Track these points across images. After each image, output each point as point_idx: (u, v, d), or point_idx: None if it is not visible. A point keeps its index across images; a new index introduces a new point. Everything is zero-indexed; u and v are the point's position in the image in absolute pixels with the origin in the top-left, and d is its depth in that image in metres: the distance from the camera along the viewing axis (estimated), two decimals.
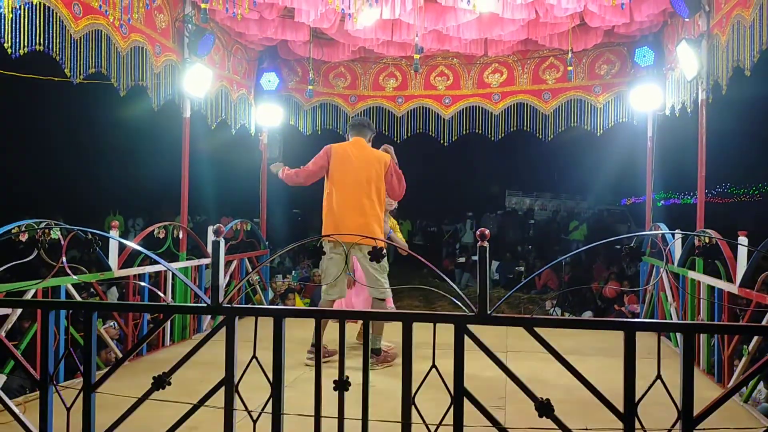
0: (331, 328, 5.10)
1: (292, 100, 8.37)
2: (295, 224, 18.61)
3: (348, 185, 4.99)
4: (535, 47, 7.62)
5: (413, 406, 2.49)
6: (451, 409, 2.45)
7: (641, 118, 7.50)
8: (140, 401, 2.68)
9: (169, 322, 5.95)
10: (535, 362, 4.44)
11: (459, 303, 2.53)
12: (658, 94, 6.92)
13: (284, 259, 12.91)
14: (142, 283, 5.45)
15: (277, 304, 8.33)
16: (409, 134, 8.39)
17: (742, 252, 4.50)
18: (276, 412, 2.57)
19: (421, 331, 2.55)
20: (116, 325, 5.66)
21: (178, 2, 6.17)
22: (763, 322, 4.10)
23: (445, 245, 17.46)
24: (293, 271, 11.58)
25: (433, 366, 2.55)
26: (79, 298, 4.88)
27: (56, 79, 5.18)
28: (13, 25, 4.15)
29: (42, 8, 4.37)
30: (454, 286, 2.68)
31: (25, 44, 4.26)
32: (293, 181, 5.26)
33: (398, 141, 8.39)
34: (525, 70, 8.02)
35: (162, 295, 5.70)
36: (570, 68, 7.21)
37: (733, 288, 4.58)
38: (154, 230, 5.93)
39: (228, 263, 6.85)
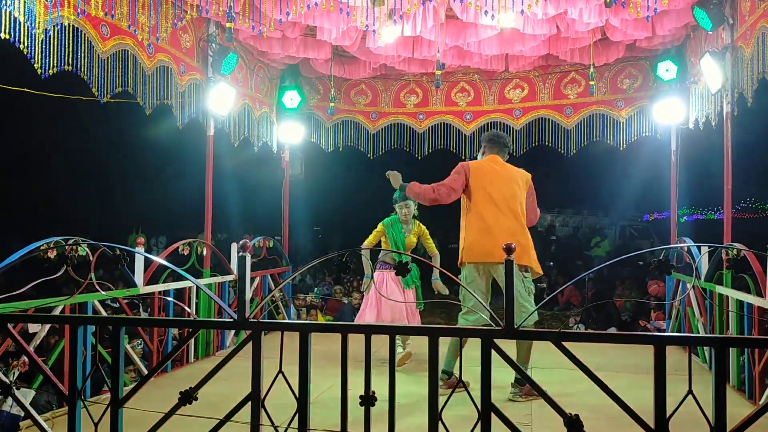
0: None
1: (313, 118, 8.43)
2: (316, 241, 18.66)
3: (491, 203, 4.63)
4: (557, 62, 7.62)
5: (440, 422, 2.47)
6: (479, 425, 2.43)
7: (665, 132, 7.44)
8: (167, 416, 2.69)
9: (192, 339, 5.98)
10: (560, 378, 4.40)
11: (486, 318, 2.51)
12: (681, 108, 6.87)
13: (305, 277, 12.94)
14: (168, 298, 5.49)
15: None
16: (430, 150, 8.40)
17: None
18: (302, 427, 2.56)
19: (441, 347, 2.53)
20: (141, 343, 5.71)
21: (203, 22, 6.28)
22: None
23: None
24: (315, 288, 11.59)
25: (460, 380, 2.53)
26: (105, 315, 4.92)
27: (84, 98, 5.29)
28: (43, 46, 4.25)
29: (71, 29, 4.47)
30: (480, 300, 2.66)
31: (55, 64, 4.36)
32: (429, 197, 4.69)
33: (419, 157, 8.41)
34: (546, 85, 8.01)
35: (188, 309, 5.74)
36: (592, 83, 7.19)
37: (763, 302, 4.49)
38: (178, 247, 5.98)
39: (251, 280, 6.87)
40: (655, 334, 2.41)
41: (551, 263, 15.94)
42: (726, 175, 5.68)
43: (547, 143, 8.05)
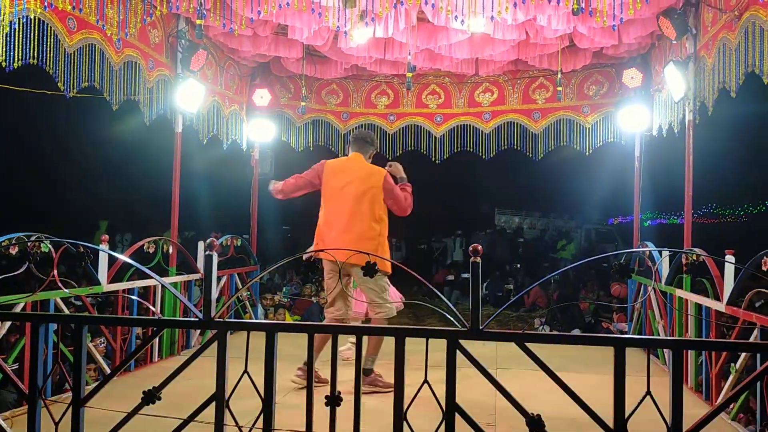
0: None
1: (284, 117, 8.40)
2: (286, 240, 18.56)
3: (338, 201, 4.82)
4: (525, 67, 7.72)
5: (405, 422, 2.49)
6: (443, 425, 2.46)
7: (629, 139, 7.60)
8: (129, 416, 2.66)
9: (157, 338, 5.92)
10: (525, 379, 4.45)
11: (451, 318, 2.55)
12: (645, 115, 7.02)
13: (273, 276, 12.86)
14: (132, 297, 5.42)
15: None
16: (401, 152, 8.44)
17: (729, 270, 4.55)
18: (267, 428, 2.56)
19: (411, 347, 2.55)
20: (104, 341, 5.63)
21: (173, 18, 6.21)
22: (750, 340, 4.14)
23: (435, 262, 17.47)
24: (284, 288, 11.54)
25: (425, 381, 2.55)
26: (68, 313, 4.84)
27: (49, 92, 5.19)
28: (8, 39, 4.16)
29: (37, 22, 4.39)
30: (447, 300, 2.69)
31: (19, 58, 4.27)
32: (277, 189, 5.03)
33: (390, 158, 8.43)
34: (515, 89, 8.11)
35: (153, 308, 5.68)
36: (559, 88, 7.31)
37: (720, 306, 4.62)
38: (143, 245, 5.91)
39: (218, 279, 6.82)
40: (614, 336, 2.47)
41: (518, 265, 16.14)
42: (687, 181, 5.83)
43: (515, 147, 8.16)
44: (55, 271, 3.01)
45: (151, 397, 2.61)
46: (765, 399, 4.02)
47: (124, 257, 3.29)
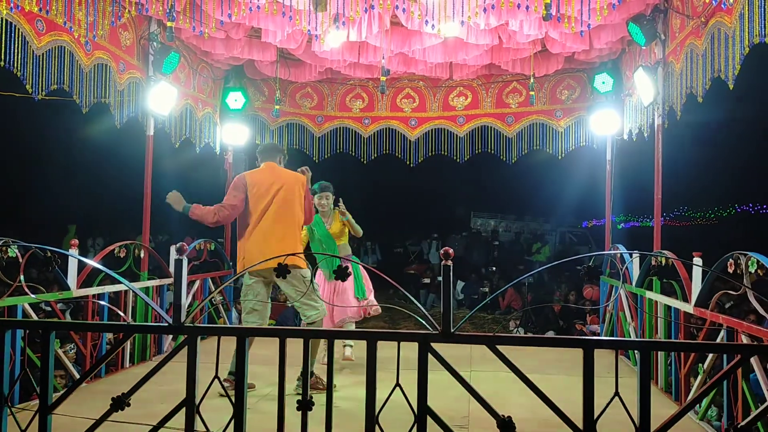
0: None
1: (258, 120, 8.36)
2: None
3: (270, 211, 4.74)
4: (499, 72, 7.78)
5: (377, 426, 2.49)
6: (415, 428, 2.46)
7: (601, 143, 7.70)
8: (98, 423, 2.62)
9: (128, 344, 5.84)
10: (499, 381, 4.49)
11: (423, 322, 2.55)
12: (616, 119, 7.13)
13: None
14: (102, 302, 5.34)
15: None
16: (376, 155, 8.46)
17: (697, 272, 4.64)
18: None
19: (386, 350, 2.56)
20: (74, 347, 5.53)
21: (144, 20, 6.15)
22: (717, 341, 4.22)
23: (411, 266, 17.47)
24: None
25: (397, 385, 2.55)
26: (36, 318, 4.76)
27: (17, 94, 5.11)
28: None
29: (4, 24, 4.31)
30: (419, 305, 2.70)
31: None
32: (211, 220, 4.77)
33: (365, 162, 8.46)
34: (489, 93, 8.18)
35: (122, 314, 5.60)
36: (532, 93, 7.39)
37: (688, 307, 4.70)
38: (114, 249, 5.83)
39: (191, 283, 6.76)
40: (583, 338, 2.50)
41: (494, 268, 16.22)
42: (656, 184, 5.92)
43: (489, 150, 8.22)
44: (22, 276, 2.95)
45: (120, 403, 2.58)
46: (731, 398, 4.09)
47: (93, 262, 3.24)
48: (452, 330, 2.48)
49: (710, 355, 4.50)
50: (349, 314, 5.69)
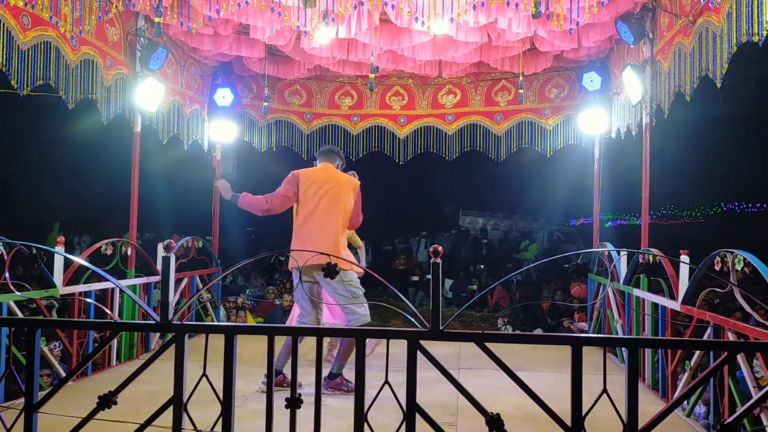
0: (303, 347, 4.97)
1: (246, 117, 8.32)
2: (249, 242, 18.37)
3: (317, 209, 4.76)
4: (488, 70, 7.79)
5: (366, 424, 2.48)
6: (404, 426, 2.46)
7: (589, 141, 7.73)
8: (84, 422, 2.60)
9: (115, 342, 5.80)
10: (488, 378, 4.50)
11: (412, 319, 2.55)
12: (604, 118, 7.16)
13: (236, 278, 12.73)
14: (89, 300, 5.30)
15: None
16: (364, 153, 8.44)
17: (684, 270, 4.66)
18: (226, 431, 2.53)
19: (380, 349, 2.55)
20: (59, 345, 5.49)
21: (131, 16, 6.10)
22: (704, 338, 4.25)
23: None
24: (247, 290, 11.41)
25: (386, 382, 2.55)
26: (21, 316, 4.71)
27: (2, 90, 5.04)
28: None
29: None
30: (408, 302, 2.70)
31: None
32: (262, 208, 4.76)
33: (354, 159, 8.43)
34: (478, 91, 8.19)
35: (109, 312, 5.56)
36: (521, 91, 7.40)
37: (675, 305, 4.73)
38: (101, 246, 5.79)
39: (178, 281, 6.73)
40: (571, 335, 2.50)
41: (482, 266, 16.27)
42: (644, 183, 5.95)
43: (478, 148, 8.24)
44: (7, 274, 2.92)
45: (106, 401, 2.55)
46: (718, 395, 4.12)
47: (79, 259, 3.21)
48: (441, 327, 2.48)
49: (697, 353, 4.54)
50: (336, 321, 5.65)
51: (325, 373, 2.42)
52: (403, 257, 16.34)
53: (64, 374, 5.09)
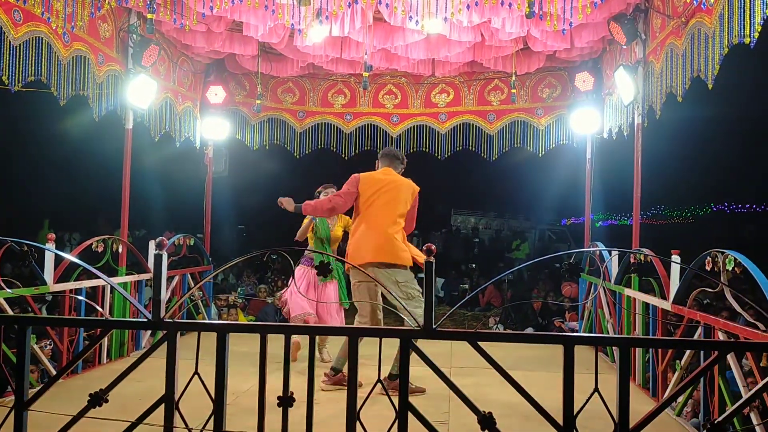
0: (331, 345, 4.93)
1: (239, 114, 8.30)
2: (241, 240, 18.33)
3: (373, 211, 4.81)
4: (481, 69, 7.80)
5: (358, 421, 2.48)
6: (396, 424, 2.46)
7: (581, 141, 7.76)
8: (75, 419, 2.59)
9: (106, 340, 5.78)
10: (480, 377, 4.51)
11: (404, 318, 2.55)
12: (596, 118, 7.18)
13: (228, 276, 12.70)
14: (80, 297, 5.27)
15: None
16: (357, 151, 8.43)
17: (675, 270, 4.69)
18: (218, 429, 2.53)
19: (367, 347, 2.55)
20: (50, 343, 5.46)
21: (123, 12, 6.07)
22: (695, 338, 4.27)
23: None
24: (239, 288, 11.39)
25: (379, 380, 2.55)
26: (11, 314, 4.68)
27: None
28: None
29: None
30: (401, 301, 2.70)
31: None
32: (326, 207, 4.88)
33: (346, 158, 8.42)
34: (471, 91, 8.19)
35: (100, 309, 5.53)
36: (513, 91, 7.41)
37: (666, 305, 4.75)
38: (92, 244, 5.75)
39: (170, 278, 6.70)
40: (563, 334, 2.51)
41: (474, 265, 16.31)
42: (636, 183, 5.97)
43: (470, 148, 8.24)
44: None
45: (97, 399, 2.54)
46: (708, 394, 4.15)
47: (70, 256, 3.20)
48: (434, 326, 2.49)
49: (687, 352, 4.56)
50: (329, 322, 5.67)
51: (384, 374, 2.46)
52: None
53: (54, 372, 5.07)
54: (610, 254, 6.14)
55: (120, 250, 6.14)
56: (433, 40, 6.56)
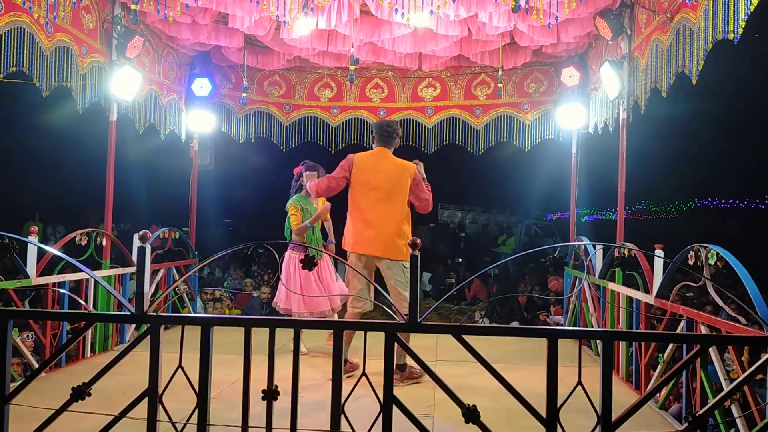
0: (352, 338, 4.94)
1: (224, 107, 8.24)
2: (227, 233, 18.25)
3: (367, 198, 4.81)
4: (468, 63, 7.80)
5: (343, 415, 2.49)
6: (380, 417, 2.46)
7: (567, 136, 7.79)
8: (58, 413, 2.57)
9: (90, 333, 5.73)
10: (464, 370, 4.51)
11: (390, 311, 2.56)
12: (582, 113, 7.21)
13: (214, 270, 12.64)
14: (62, 290, 5.22)
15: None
16: (343, 145, 8.41)
17: (659, 264, 4.73)
18: (201, 423, 2.52)
19: (353, 340, 2.55)
20: (32, 335, 5.41)
21: (107, 3, 6.00)
22: (677, 332, 4.31)
23: None
24: (225, 282, 11.34)
25: (363, 374, 2.56)
26: None
27: None
28: None
29: None
30: (386, 294, 2.70)
31: None
32: (324, 186, 4.93)
33: (333, 152, 8.40)
34: (458, 85, 8.20)
35: (83, 303, 5.49)
36: (500, 85, 7.42)
37: (649, 299, 4.80)
38: (75, 237, 5.70)
39: (155, 272, 6.66)
40: (547, 328, 2.53)
41: (460, 259, 16.37)
42: (620, 178, 6.01)
43: (457, 142, 8.25)
44: None
45: (80, 393, 2.53)
46: (690, 387, 4.19)
47: (53, 249, 3.17)
48: (419, 320, 2.49)
49: (670, 346, 4.61)
50: (332, 306, 5.65)
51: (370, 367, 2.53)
52: None
53: (36, 365, 5.02)
54: (595, 248, 6.18)
55: (104, 243, 6.09)
56: (419, 34, 6.55)
